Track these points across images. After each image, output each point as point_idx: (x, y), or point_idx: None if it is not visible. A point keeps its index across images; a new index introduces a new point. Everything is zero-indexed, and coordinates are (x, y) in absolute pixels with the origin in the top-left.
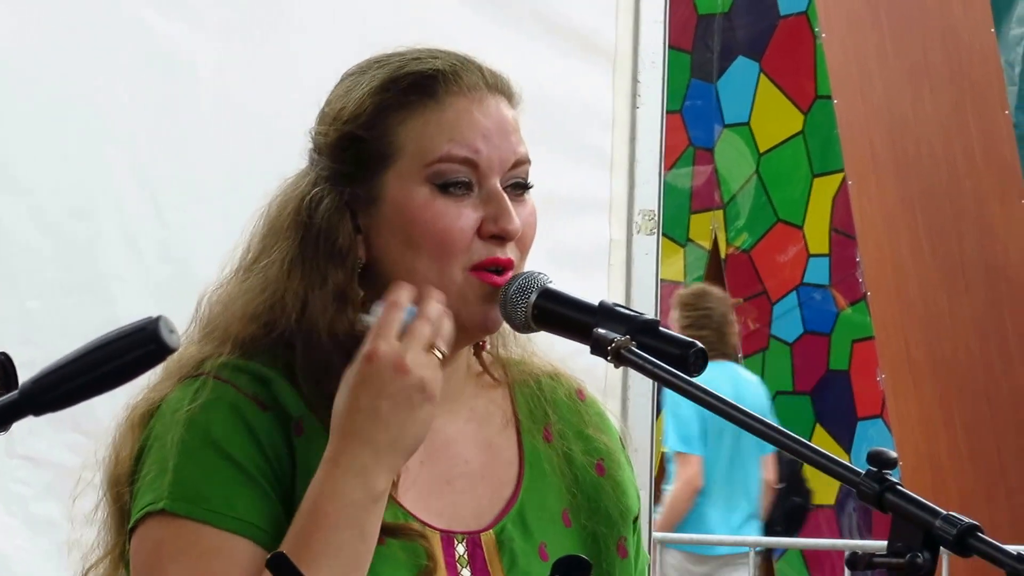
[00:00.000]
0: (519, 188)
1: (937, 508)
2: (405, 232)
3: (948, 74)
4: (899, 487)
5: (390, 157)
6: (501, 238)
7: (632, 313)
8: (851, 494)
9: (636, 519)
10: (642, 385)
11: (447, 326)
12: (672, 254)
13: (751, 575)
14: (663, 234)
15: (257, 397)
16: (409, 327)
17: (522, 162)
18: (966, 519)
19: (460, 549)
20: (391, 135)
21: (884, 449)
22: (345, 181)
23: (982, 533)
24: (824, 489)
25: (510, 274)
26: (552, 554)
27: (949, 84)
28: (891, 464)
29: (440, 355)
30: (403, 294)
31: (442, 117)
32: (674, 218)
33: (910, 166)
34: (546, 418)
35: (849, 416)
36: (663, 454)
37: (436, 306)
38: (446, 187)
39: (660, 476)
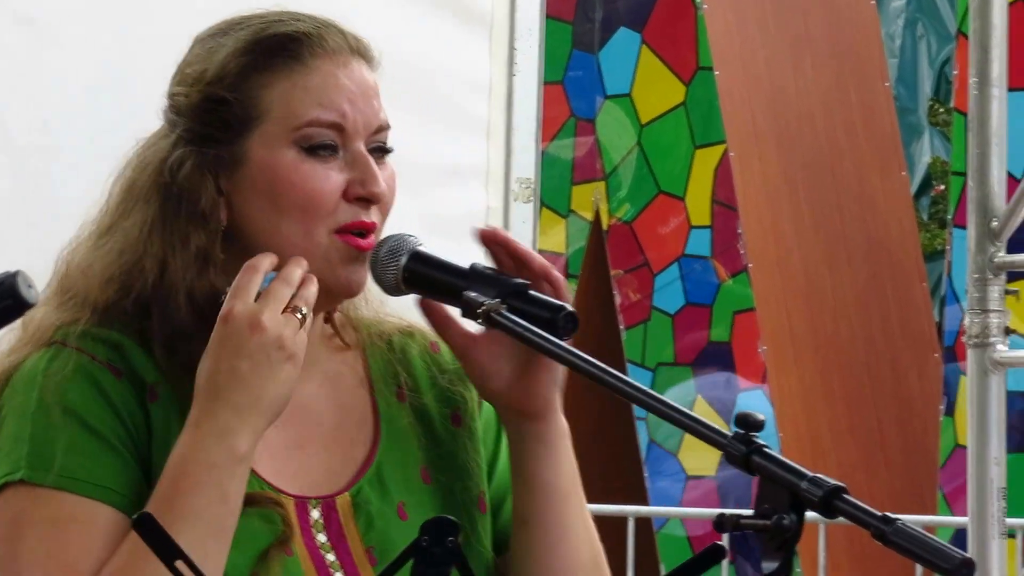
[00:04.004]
0: (381, 152)
1: (803, 470)
2: (270, 194)
3: (829, 47)
4: (766, 449)
5: (255, 119)
6: (367, 201)
7: (503, 277)
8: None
9: (497, 450)
10: None
11: (311, 289)
12: (553, 225)
13: (631, 544)
14: (544, 205)
15: (112, 364)
16: (267, 288)
17: (384, 127)
18: (832, 481)
19: (315, 514)
20: (256, 97)
21: (752, 412)
22: (208, 143)
23: (847, 495)
24: (705, 459)
25: (373, 237)
26: (411, 513)
27: (830, 57)
28: (758, 426)
29: (301, 316)
30: (262, 260)
31: (308, 80)
32: (555, 189)
33: (791, 138)
34: (399, 376)
35: (730, 388)
36: None
37: (298, 271)
38: (313, 150)
39: None
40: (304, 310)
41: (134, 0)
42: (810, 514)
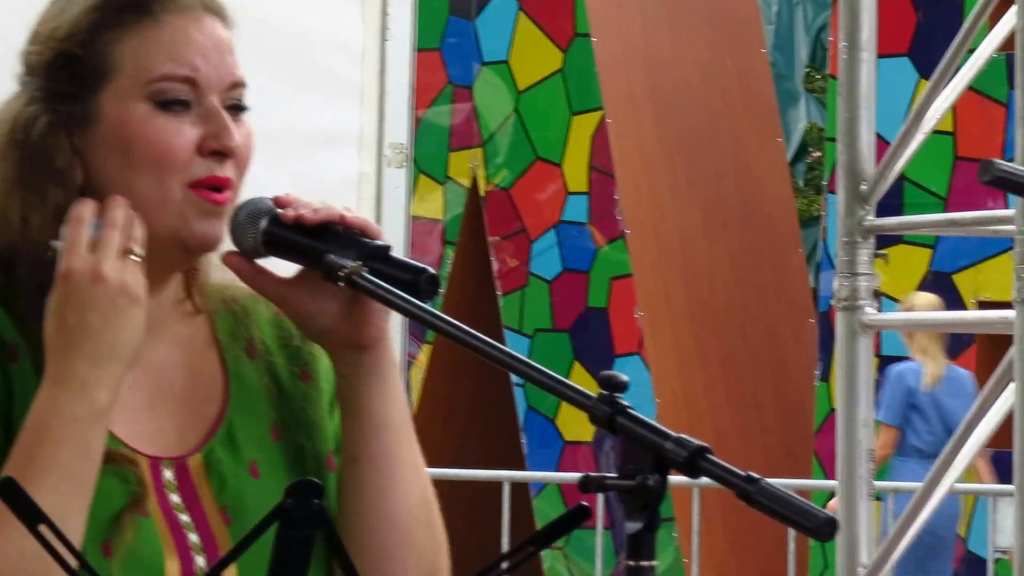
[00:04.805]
0: (236, 110)
1: (668, 431)
2: (124, 150)
3: (706, 13)
4: (630, 410)
5: (107, 75)
6: (221, 155)
7: (364, 239)
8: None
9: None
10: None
11: (137, 229)
12: (431, 192)
13: (506, 508)
14: (421, 172)
15: None
16: (99, 238)
17: (239, 84)
18: (696, 441)
19: (168, 474)
20: (108, 53)
21: (615, 373)
22: (61, 100)
23: (711, 455)
24: (583, 425)
25: (228, 192)
26: (263, 471)
27: (706, 23)
28: (622, 387)
29: (137, 258)
30: (84, 209)
31: (160, 35)
32: (433, 156)
33: (668, 105)
34: (248, 335)
35: (607, 353)
36: None
37: (120, 211)
38: (166, 105)
39: None
40: (137, 250)
41: None
42: (685, 478)
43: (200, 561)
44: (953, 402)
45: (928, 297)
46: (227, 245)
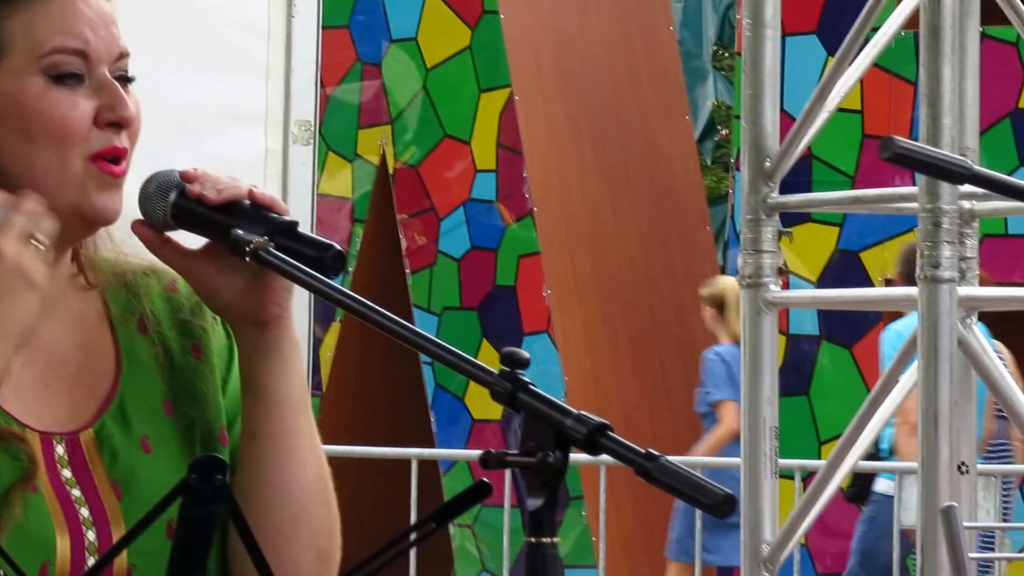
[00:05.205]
0: (124, 81)
1: (569, 408)
2: (21, 126)
3: None
4: (531, 387)
5: None
6: (118, 126)
7: (272, 215)
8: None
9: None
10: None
11: (47, 222)
12: (340, 169)
13: (414, 486)
14: (330, 149)
15: None
16: (3, 220)
17: (125, 55)
18: (596, 418)
19: (59, 450)
20: None
21: (517, 349)
22: None
23: (612, 432)
24: (491, 403)
25: (124, 164)
26: (155, 446)
27: (615, 1)
28: (523, 364)
29: (40, 245)
30: None
31: (49, 9)
32: (341, 133)
33: (576, 82)
34: (140, 310)
35: (515, 331)
36: None
37: (31, 202)
38: (60, 78)
39: None
40: (41, 238)
41: None
42: (593, 457)
43: (91, 536)
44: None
45: (732, 280)
46: (125, 218)
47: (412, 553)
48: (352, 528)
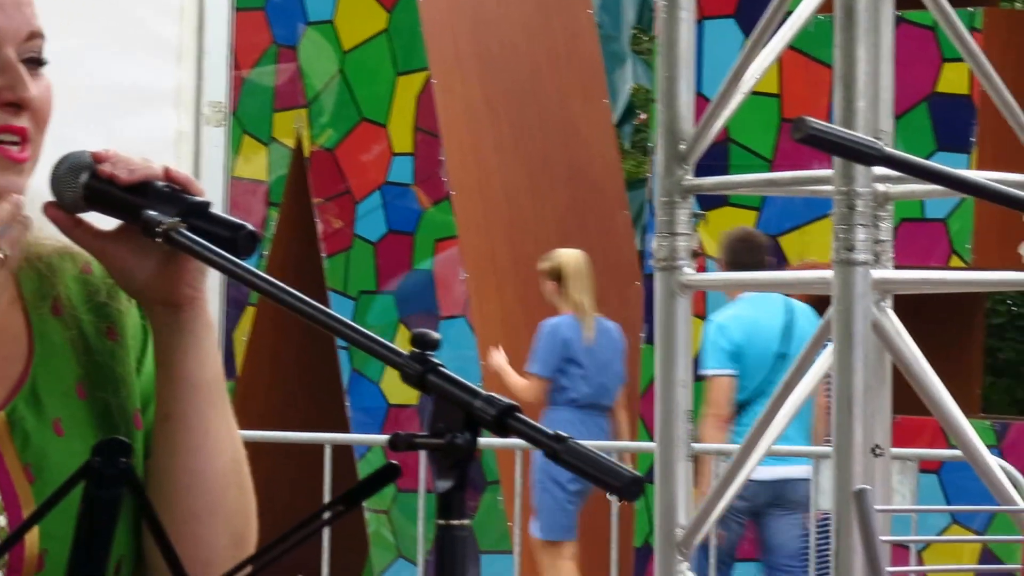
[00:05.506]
0: (35, 63)
1: (478, 389)
2: None
3: None
4: (441, 368)
5: None
6: (16, 106)
7: (184, 195)
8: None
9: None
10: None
11: (15, 231)
12: (255, 153)
13: (327, 471)
14: (245, 132)
15: None
16: None
17: (36, 35)
18: (505, 400)
19: None
20: None
21: (428, 331)
22: None
23: (520, 413)
24: (408, 389)
25: (28, 148)
26: (67, 429)
27: None
28: (433, 345)
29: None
30: None
31: None
32: (257, 116)
33: (494, 65)
34: (54, 292)
35: (432, 315)
36: None
37: (5, 206)
38: None
39: None
40: (7, 250)
41: None
42: (509, 440)
43: (1, 521)
44: (606, 354)
45: (574, 253)
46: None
47: (326, 539)
48: (266, 514)
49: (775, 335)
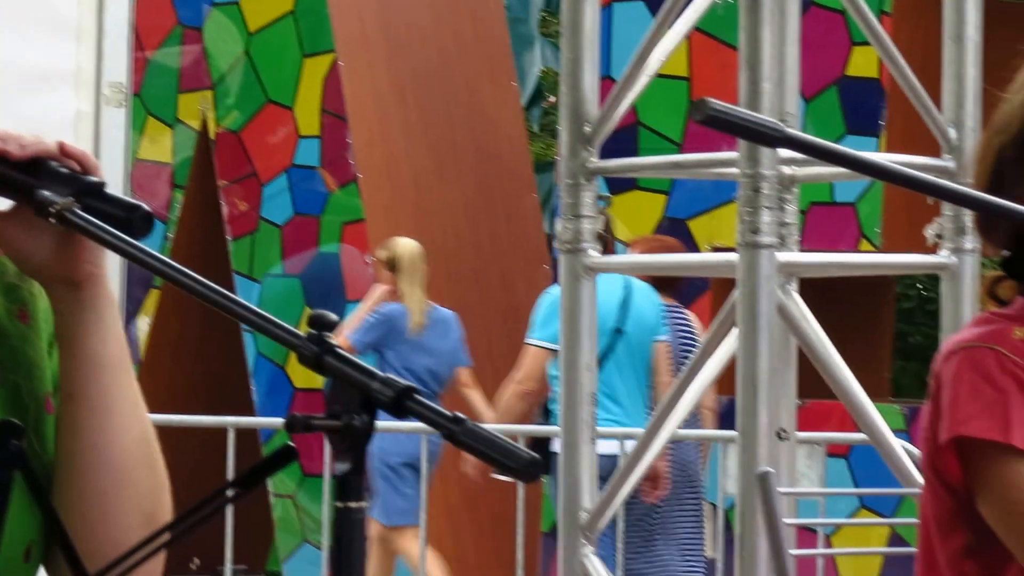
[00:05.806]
0: None
1: (376, 371)
2: None
3: None
4: (338, 349)
5: None
6: None
7: (78, 175)
8: None
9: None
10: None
11: None
12: (160, 134)
13: (231, 455)
14: (150, 114)
15: None
16: None
17: None
18: (403, 381)
19: None
20: None
21: (325, 312)
22: None
23: (418, 395)
24: (313, 373)
25: None
26: None
27: None
28: (331, 326)
29: None
30: None
31: None
32: (162, 98)
33: (401, 47)
34: None
35: (338, 299)
36: None
37: None
38: None
39: None
40: None
41: None
42: (417, 425)
43: None
44: (441, 342)
45: (410, 243)
46: None
47: (229, 524)
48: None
49: (612, 310)
